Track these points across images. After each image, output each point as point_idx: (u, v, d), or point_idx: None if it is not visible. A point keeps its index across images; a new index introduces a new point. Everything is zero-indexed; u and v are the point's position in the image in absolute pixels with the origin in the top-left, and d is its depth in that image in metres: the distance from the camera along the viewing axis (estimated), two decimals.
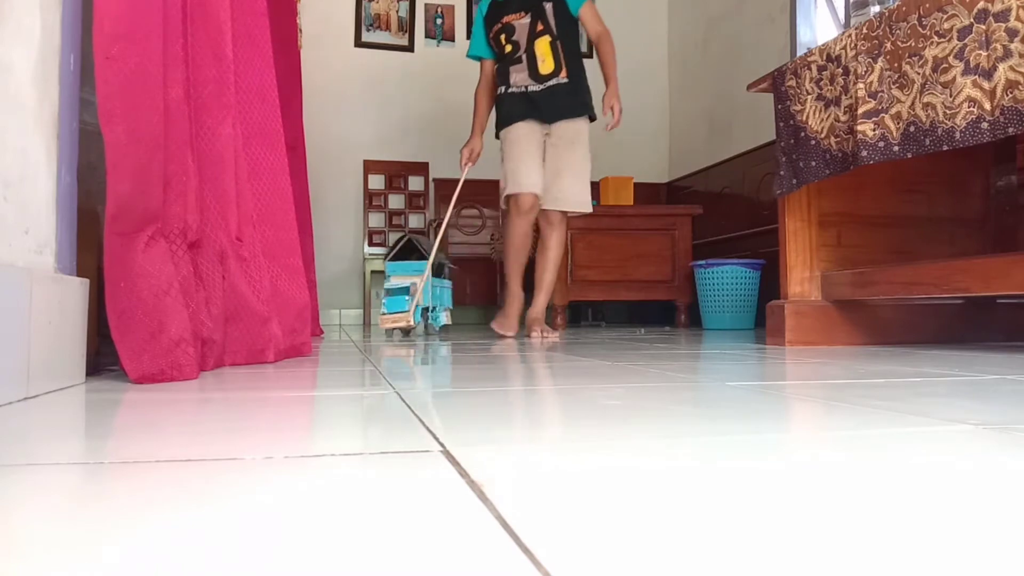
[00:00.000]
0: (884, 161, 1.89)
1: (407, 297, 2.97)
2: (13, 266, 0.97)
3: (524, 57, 2.81)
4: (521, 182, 2.77)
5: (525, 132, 2.81)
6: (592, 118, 2.89)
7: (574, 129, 2.83)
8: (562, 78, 2.81)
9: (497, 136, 2.96)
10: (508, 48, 2.84)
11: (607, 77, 2.84)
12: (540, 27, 2.80)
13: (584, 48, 3.17)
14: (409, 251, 3.32)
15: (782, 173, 2.28)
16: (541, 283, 2.91)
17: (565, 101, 2.81)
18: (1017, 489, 0.50)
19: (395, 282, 3.05)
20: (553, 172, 2.82)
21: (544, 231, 2.89)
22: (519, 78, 2.83)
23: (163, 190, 1.22)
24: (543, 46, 2.79)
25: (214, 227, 1.44)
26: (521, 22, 2.82)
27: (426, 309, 3.21)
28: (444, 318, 3.43)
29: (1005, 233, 2.50)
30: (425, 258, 3.15)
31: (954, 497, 0.48)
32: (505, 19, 2.84)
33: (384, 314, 2.93)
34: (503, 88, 2.88)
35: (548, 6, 2.81)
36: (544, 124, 2.84)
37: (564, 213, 2.88)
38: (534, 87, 2.81)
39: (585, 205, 2.85)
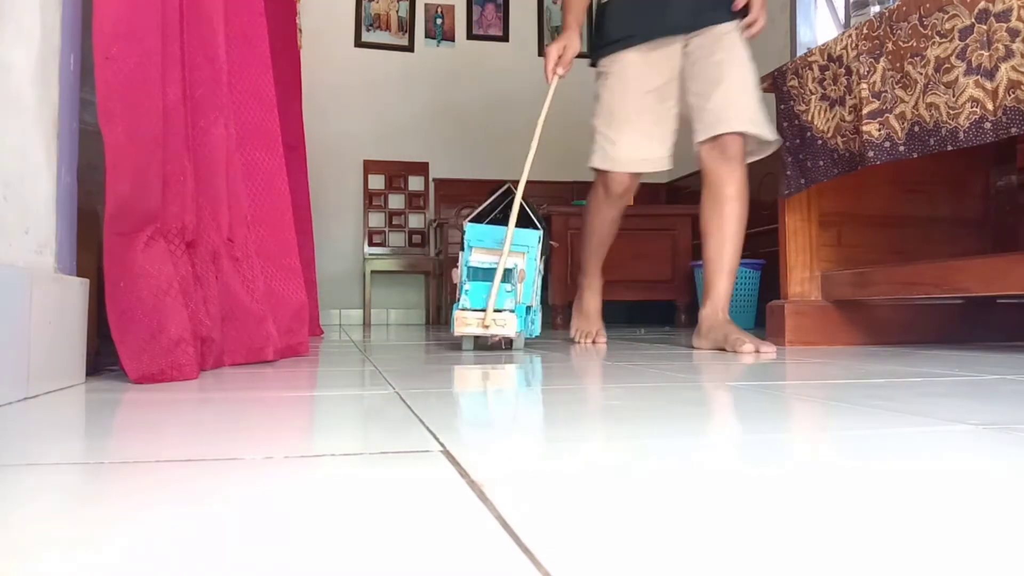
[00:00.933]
0: (891, 161, 1.89)
1: (508, 287, 1.90)
2: (13, 266, 0.97)
3: None
4: (618, 156, 1.97)
5: (637, 71, 1.91)
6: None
7: (728, 37, 1.92)
8: None
9: (594, 64, 2.00)
10: None
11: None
12: None
13: None
14: (505, 211, 2.07)
15: (789, 173, 2.28)
16: (721, 260, 1.93)
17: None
18: (1017, 489, 0.50)
19: (481, 259, 1.94)
20: (713, 81, 1.91)
21: (715, 175, 1.94)
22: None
23: (162, 190, 1.22)
24: None
25: (208, 227, 1.44)
26: None
27: (528, 308, 2.03)
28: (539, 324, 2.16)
29: (1005, 233, 2.50)
30: (533, 225, 2.01)
31: (954, 497, 0.48)
32: None
33: (464, 309, 1.88)
34: None
35: None
36: (677, 37, 1.93)
37: (743, 139, 1.89)
38: None
39: (770, 130, 1.94)
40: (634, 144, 1.99)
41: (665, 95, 1.98)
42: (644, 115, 1.97)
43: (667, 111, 1.99)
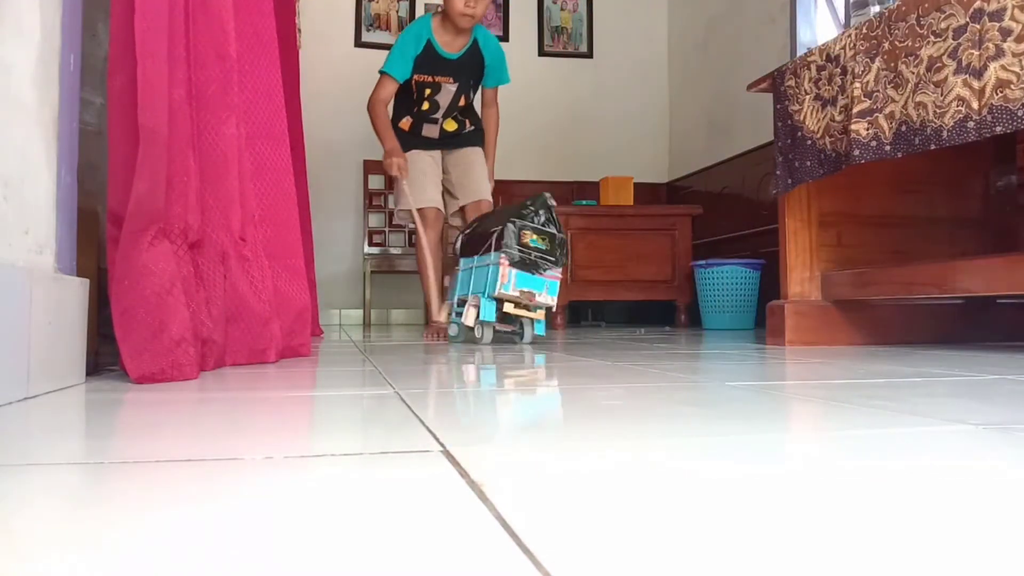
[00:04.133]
0: (876, 160, 1.89)
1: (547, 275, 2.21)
2: (13, 266, 0.97)
3: (439, 121, 2.86)
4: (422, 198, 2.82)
5: (428, 159, 2.88)
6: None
7: (475, 152, 2.92)
8: (468, 128, 2.94)
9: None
10: (426, 106, 2.82)
11: (488, 152, 2.97)
12: (462, 102, 2.86)
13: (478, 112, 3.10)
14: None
15: (778, 173, 2.28)
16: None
17: (467, 138, 2.93)
18: (1017, 489, 0.50)
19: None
20: (464, 173, 2.91)
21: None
22: (429, 132, 2.88)
23: (165, 190, 1.22)
24: (454, 120, 2.89)
25: (216, 227, 1.44)
26: (448, 87, 2.80)
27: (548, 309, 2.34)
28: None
29: (1005, 233, 2.50)
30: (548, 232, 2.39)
31: (954, 497, 0.48)
32: (434, 76, 2.77)
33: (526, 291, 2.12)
34: (408, 126, 2.87)
35: (471, 83, 2.86)
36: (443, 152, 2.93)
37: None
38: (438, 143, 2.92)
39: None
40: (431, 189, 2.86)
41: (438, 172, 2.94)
42: (432, 177, 2.88)
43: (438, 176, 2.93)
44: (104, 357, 1.36)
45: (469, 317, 2.28)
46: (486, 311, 2.21)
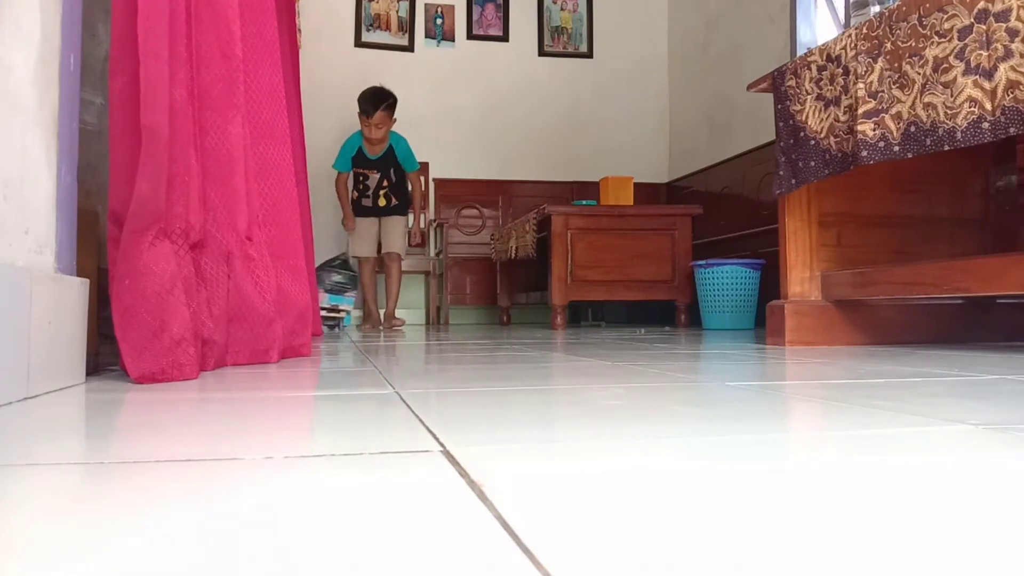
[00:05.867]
0: (884, 161, 1.89)
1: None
2: (13, 266, 0.97)
3: (371, 198, 4.18)
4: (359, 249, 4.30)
5: (367, 223, 4.25)
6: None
7: (395, 220, 4.28)
8: (393, 203, 4.21)
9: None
10: (362, 187, 4.18)
11: (415, 213, 4.39)
12: (385, 184, 4.17)
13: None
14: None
15: (781, 173, 2.28)
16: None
17: (393, 210, 4.26)
18: (1017, 489, 0.50)
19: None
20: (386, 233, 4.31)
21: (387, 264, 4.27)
22: (366, 203, 4.20)
23: (166, 190, 1.22)
24: (383, 197, 4.19)
25: (220, 227, 1.44)
26: (373, 176, 4.16)
27: None
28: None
29: (1005, 233, 2.50)
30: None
31: (954, 498, 0.48)
32: (365, 170, 4.16)
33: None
34: (355, 198, 4.26)
35: (391, 171, 4.16)
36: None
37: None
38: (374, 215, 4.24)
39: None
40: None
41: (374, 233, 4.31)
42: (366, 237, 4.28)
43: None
44: (104, 357, 1.36)
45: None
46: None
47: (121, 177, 1.23)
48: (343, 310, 3.91)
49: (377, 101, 4.00)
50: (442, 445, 0.64)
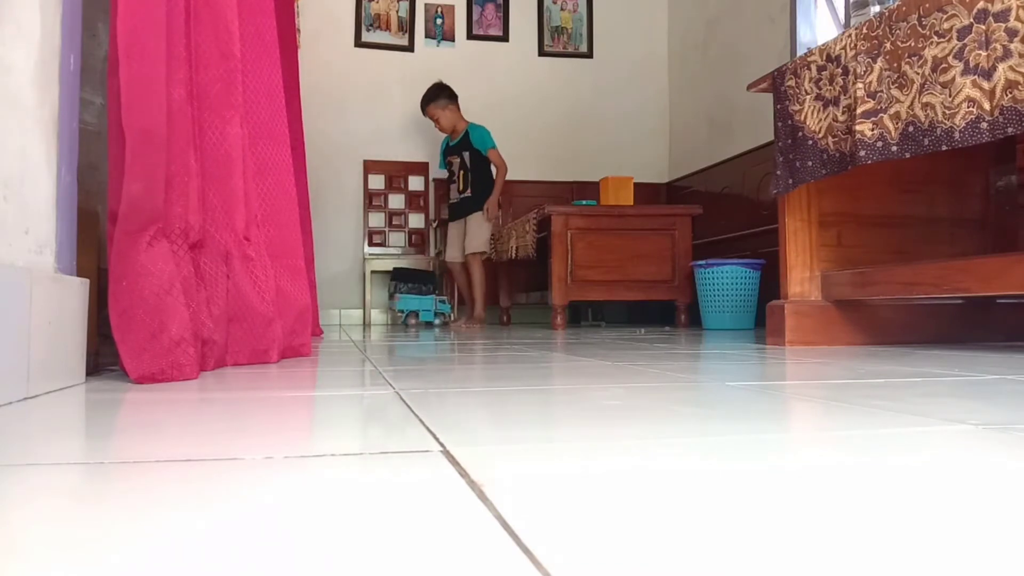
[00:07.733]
0: (882, 161, 1.89)
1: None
2: (13, 266, 0.97)
3: (456, 182, 4.58)
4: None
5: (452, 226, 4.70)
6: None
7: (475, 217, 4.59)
8: (467, 192, 4.54)
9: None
10: (449, 173, 4.67)
11: (497, 184, 4.59)
12: (462, 169, 4.57)
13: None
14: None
15: (779, 173, 2.28)
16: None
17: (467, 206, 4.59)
18: (1018, 489, 0.50)
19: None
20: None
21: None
22: (452, 201, 4.64)
23: (165, 190, 1.22)
24: (461, 180, 4.57)
25: (219, 227, 1.44)
26: (455, 161, 4.58)
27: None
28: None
29: (1005, 233, 2.50)
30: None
31: (954, 498, 0.48)
32: (450, 157, 4.62)
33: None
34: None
35: (466, 155, 4.53)
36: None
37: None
38: (455, 198, 4.63)
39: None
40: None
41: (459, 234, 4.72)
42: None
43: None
44: (104, 357, 1.36)
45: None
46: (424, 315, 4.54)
47: (119, 177, 1.23)
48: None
49: (423, 103, 4.61)
50: (442, 445, 0.64)
